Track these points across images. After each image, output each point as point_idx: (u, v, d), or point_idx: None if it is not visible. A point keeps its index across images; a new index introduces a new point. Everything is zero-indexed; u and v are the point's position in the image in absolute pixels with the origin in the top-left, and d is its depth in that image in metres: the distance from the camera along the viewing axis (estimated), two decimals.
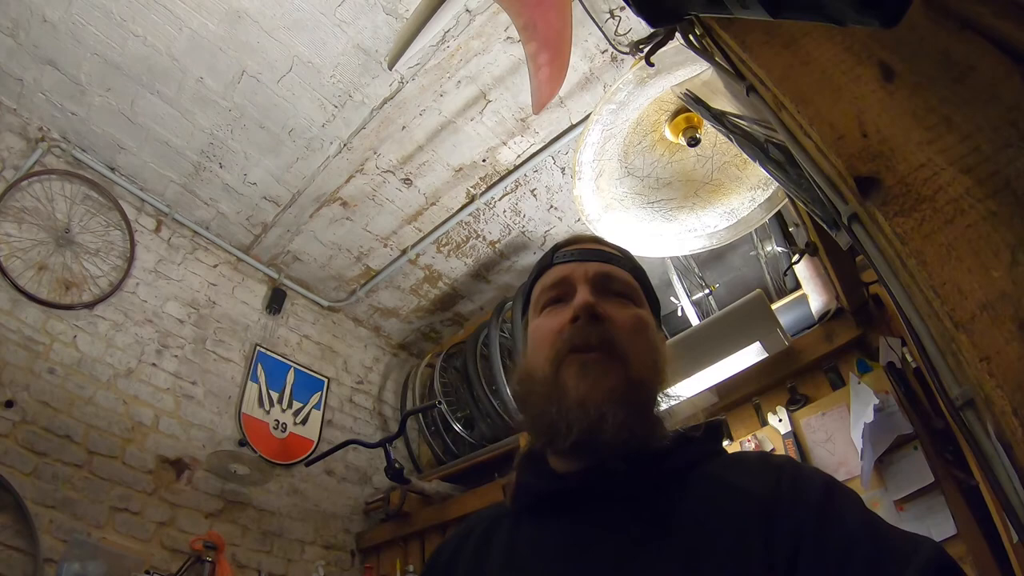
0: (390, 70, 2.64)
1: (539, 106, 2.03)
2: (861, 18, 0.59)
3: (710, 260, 3.95)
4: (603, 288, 1.01)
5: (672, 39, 1.45)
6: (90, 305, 3.47)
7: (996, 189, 0.75)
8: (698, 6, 0.86)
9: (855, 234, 0.87)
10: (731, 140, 1.40)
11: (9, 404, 2.93)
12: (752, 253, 3.42)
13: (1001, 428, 0.64)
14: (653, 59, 1.57)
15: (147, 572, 3.01)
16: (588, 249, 1.08)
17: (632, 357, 0.93)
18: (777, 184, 2.26)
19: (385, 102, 3.42)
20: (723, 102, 1.46)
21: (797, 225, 2.54)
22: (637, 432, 0.88)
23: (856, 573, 0.67)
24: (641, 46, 1.54)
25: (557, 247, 1.13)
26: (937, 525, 1.97)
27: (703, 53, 1.25)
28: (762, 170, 2.27)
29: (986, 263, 0.71)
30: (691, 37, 1.26)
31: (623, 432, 0.86)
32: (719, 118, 1.43)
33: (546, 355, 0.96)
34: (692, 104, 1.61)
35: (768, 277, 3.33)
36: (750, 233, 2.84)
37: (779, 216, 2.82)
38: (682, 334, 2.85)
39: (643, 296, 1.06)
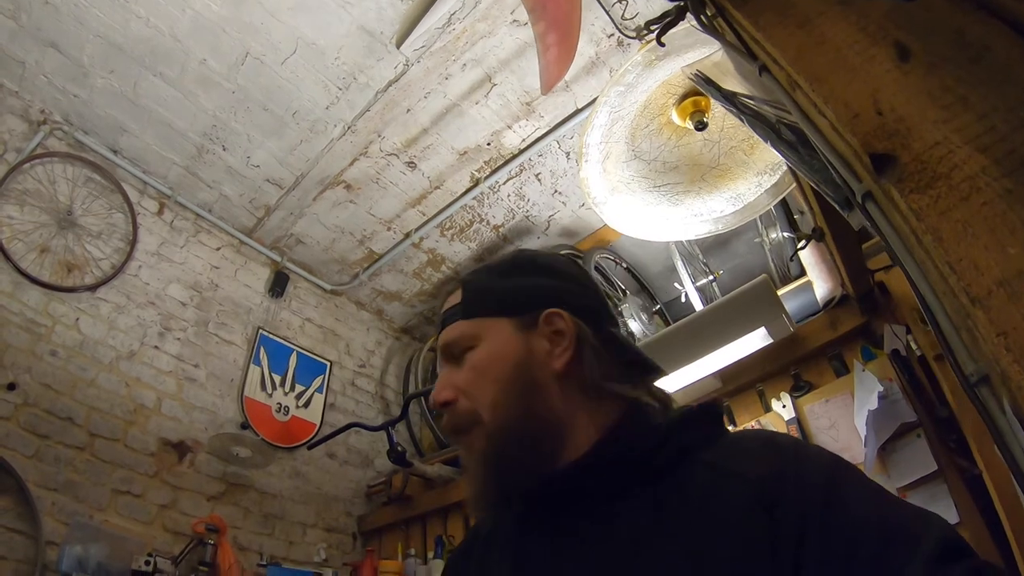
0: (398, 49, 2.63)
1: (547, 87, 2.03)
2: None
3: (714, 247, 3.96)
4: (451, 358, 1.02)
5: (683, 19, 1.44)
6: (92, 287, 3.47)
7: (1012, 168, 0.75)
8: None
9: (869, 212, 0.87)
10: (742, 121, 1.39)
11: (11, 387, 2.94)
12: (756, 240, 3.43)
13: (1018, 403, 0.65)
14: (663, 41, 1.56)
15: (149, 555, 3.02)
16: (440, 320, 1.08)
17: (484, 412, 0.93)
18: (784, 170, 2.26)
19: (390, 84, 3.41)
20: (734, 83, 1.45)
21: (803, 212, 2.53)
22: (507, 478, 0.91)
23: (863, 567, 0.66)
24: (652, 26, 1.53)
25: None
26: (939, 513, 1.96)
27: (714, 33, 1.25)
28: (769, 156, 2.27)
29: (1002, 240, 0.71)
30: (702, 17, 1.26)
31: (480, 503, 0.94)
32: (730, 99, 1.43)
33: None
34: (703, 85, 1.60)
35: (772, 264, 3.34)
36: (754, 220, 2.84)
37: (784, 203, 2.82)
38: (686, 319, 2.86)
39: (482, 326, 1.00)
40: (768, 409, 2.59)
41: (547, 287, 1.03)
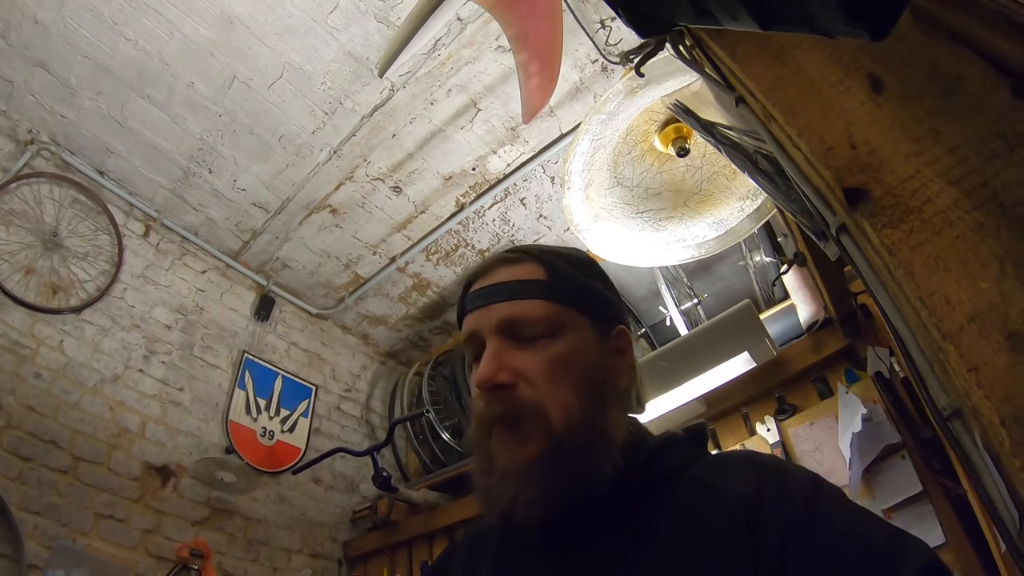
0: (380, 77, 2.64)
1: (529, 115, 2.04)
2: (850, 30, 0.60)
3: (698, 270, 3.96)
4: (512, 336, 0.92)
5: (662, 49, 1.45)
6: (77, 309, 3.44)
7: (983, 201, 0.75)
8: (688, 17, 0.86)
9: (843, 245, 0.87)
10: (720, 151, 1.40)
11: None
12: (740, 263, 3.44)
13: (989, 439, 0.65)
14: (643, 69, 1.58)
15: None
16: (493, 286, 0.96)
17: (553, 409, 0.86)
18: (766, 195, 2.27)
19: (375, 110, 3.42)
20: (712, 113, 1.46)
21: (786, 235, 2.55)
22: (568, 488, 0.83)
23: None
24: (631, 56, 1.55)
25: (468, 284, 1.01)
26: (925, 534, 1.96)
27: (693, 64, 1.26)
28: (751, 181, 2.28)
29: (974, 274, 0.71)
30: (681, 48, 1.27)
31: (535, 509, 0.82)
32: (708, 129, 1.44)
33: (475, 423, 0.92)
34: (681, 115, 1.61)
35: (756, 287, 3.35)
36: (739, 243, 2.85)
37: (768, 226, 2.84)
38: (670, 344, 2.86)
39: (569, 316, 0.94)
40: (753, 432, 2.59)
41: (616, 302, 1.02)
